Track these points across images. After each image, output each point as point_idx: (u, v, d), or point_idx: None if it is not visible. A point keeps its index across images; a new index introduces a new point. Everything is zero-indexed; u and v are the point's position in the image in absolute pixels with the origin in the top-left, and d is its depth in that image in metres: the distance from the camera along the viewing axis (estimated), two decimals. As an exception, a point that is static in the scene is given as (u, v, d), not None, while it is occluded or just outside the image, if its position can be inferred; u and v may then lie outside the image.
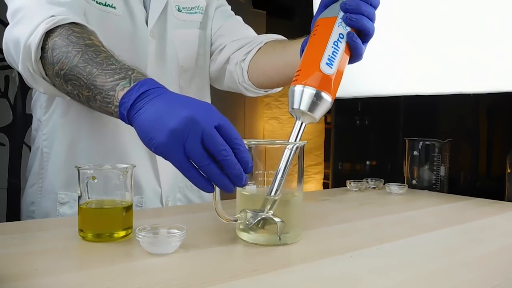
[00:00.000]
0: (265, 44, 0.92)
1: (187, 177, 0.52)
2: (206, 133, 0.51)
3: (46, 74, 0.68)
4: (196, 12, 0.95)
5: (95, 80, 0.60)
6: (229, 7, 1.04)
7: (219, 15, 1.00)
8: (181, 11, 0.92)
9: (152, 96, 0.55)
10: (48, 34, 0.66)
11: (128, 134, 0.84)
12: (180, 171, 0.52)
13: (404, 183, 1.13)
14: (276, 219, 0.55)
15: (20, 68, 0.68)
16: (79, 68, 0.62)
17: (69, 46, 0.64)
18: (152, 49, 0.87)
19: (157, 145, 0.51)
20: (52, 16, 0.67)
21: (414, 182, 1.13)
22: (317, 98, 0.59)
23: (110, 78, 0.59)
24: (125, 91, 0.57)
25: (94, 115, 0.82)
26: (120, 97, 0.57)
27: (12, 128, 2.21)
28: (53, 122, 0.84)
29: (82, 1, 0.78)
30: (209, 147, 0.51)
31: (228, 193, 0.55)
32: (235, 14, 1.05)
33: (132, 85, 0.57)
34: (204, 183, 0.53)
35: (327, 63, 0.60)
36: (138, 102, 0.55)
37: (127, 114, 0.56)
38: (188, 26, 0.94)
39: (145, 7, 0.87)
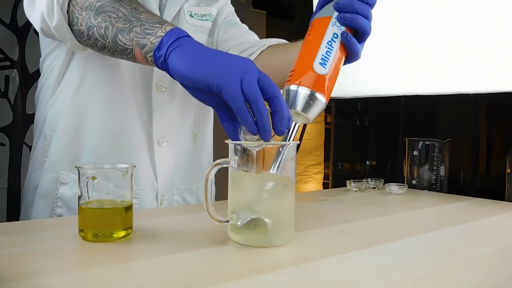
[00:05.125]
0: (268, 47, 0.93)
1: (237, 110, 0.53)
2: (262, 74, 0.54)
3: (67, 11, 0.69)
4: (207, 20, 0.97)
5: (139, 14, 0.63)
6: (238, 18, 1.05)
7: (226, 23, 1.02)
8: (193, 16, 0.94)
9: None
10: None
11: (134, 121, 0.86)
12: (231, 103, 0.53)
13: (404, 183, 1.13)
14: (267, 220, 0.55)
15: None
16: (124, 2, 0.65)
17: None
18: None
19: (213, 73, 0.53)
20: None
21: (414, 182, 1.13)
22: (311, 98, 0.59)
23: (157, 17, 0.63)
24: (174, 26, 0.60)
25: (105, 95, 0.84)
26: (168, 29, 0.59)
27: (12, 128, 2.21)
28: (60, 103, 0.85)
29: None
30: (263, 85, 0.53)
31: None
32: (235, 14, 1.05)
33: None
34: (251, 120, 0.53)
35: (320, 63, 0.60)
36: (188, 37, 0.59)
37: (171, 44, 0.57)
38: (198, 31, 0.95)
39: (160, 11, 0.89)
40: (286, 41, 0.95)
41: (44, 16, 0.71)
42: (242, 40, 0.98)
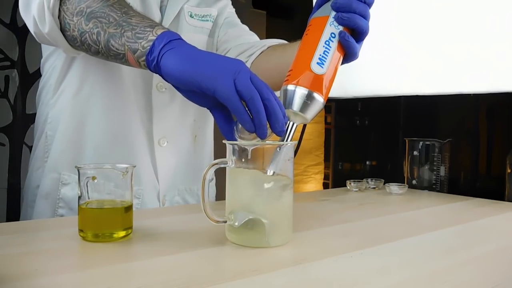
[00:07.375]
0: (268, 48, 0.93)
1: (233, 109, 0.53)
2: (253, 75, 0.54)
3: (59, 17, 0.69)
4: (207, 20, 0.98)
5: (130, 18, 0.63)
6: (238, 19, 1.06)
7: (227, 24, 1.02)
8: (193, 17, 0.95)
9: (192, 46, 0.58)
10: None
11: (135, 121, 0.86)
12: (227, 104, 0.53)
13: (404, 183, 1.13)
14: (265, 220, 0.55)
15: (37, 2, 0.69)
16: (114, 7, 0.65)
17: None
18: None
19: (206, 74, 0.53)
20: None
21: (414, 182, 1.13)
22: (309, 98, 0.59)
23: (148, 20, 0.63)
24: (165, 30, 0.60)
25: (106, 95, 0.84)
26: (159, 33, 0.59)
27: (12, 128, 2.21)
28: (61, 104, 0.85)
29: None
30: (256, 85, 0.53)
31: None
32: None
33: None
34: (248, 118, 0.53)
35: (318, 63, 0.60)
36: (180, 39, 0.58)
37: (163, 47, 0.57)
38: (198, 31, 0.96)
39: (161, 11, 0.89)
40: (286, 42, 0.95)
41: (37, 22, 0.71)
42: (242, 41, 0.98)
